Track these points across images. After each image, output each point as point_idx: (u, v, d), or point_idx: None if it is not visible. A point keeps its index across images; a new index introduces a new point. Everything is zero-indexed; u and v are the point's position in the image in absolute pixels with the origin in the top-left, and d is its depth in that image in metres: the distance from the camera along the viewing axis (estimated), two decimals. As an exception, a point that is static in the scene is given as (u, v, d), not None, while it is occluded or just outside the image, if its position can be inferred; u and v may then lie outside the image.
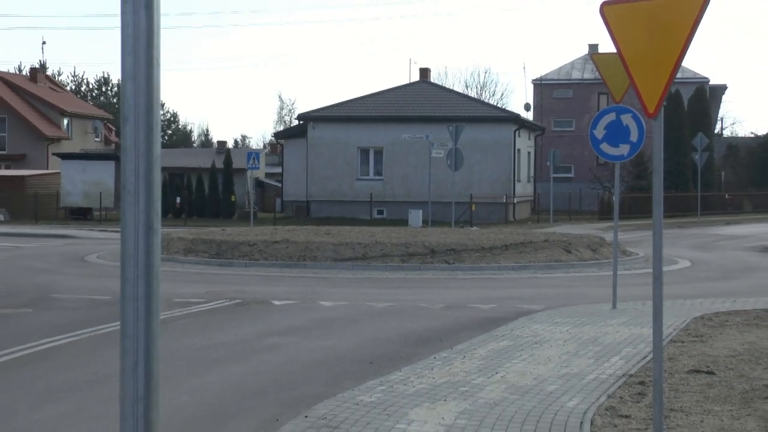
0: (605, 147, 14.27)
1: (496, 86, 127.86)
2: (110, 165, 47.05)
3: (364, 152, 46.64)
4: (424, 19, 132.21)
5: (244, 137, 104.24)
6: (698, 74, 62.54)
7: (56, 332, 12.95)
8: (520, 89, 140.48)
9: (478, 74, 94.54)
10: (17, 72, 77.64)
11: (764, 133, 71.62)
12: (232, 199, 48.83)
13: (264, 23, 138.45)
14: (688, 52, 6.36)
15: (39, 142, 57.61)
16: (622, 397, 8.76)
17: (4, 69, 70.37)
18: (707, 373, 9.76)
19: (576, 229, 36.61)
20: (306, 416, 8.01)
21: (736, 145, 68.06)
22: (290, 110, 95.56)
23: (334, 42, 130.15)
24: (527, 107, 64.83)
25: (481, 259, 23.25)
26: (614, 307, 15.11)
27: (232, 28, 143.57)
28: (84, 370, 10.55)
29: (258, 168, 39.64)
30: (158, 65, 3.15)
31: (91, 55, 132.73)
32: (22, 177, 50.04)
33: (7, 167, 55.73)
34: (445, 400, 8.64)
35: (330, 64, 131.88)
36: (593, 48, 60.72)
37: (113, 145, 65.29)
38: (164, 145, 74.77)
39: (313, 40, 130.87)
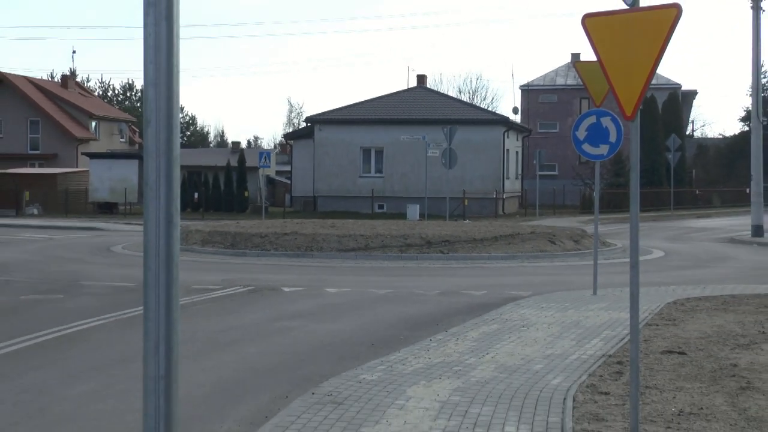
0: (587, 147, 14.24)
1: (486, 91, 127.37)
2: (134, 164, 47.08)
3: (366, 152, 46.58)
4: (422, 30, 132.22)
5: (256, 138, 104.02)
6: (671, 80, 62.41)
7: (85, 316, 12.95)
8: (509, 94, 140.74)
9: (471, 80, 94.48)
10: (49, 79, 77.48)
11: (731, 134, 71.54)
12: (246, 194, 48.77)
13: (275, 34, 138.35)
14: (662, 60, 6.36)
15: (69, 143, 57.61)
16: (601, 376, 8.76)
17: (38, 76, 70.41)
18: (679, 353, 9.76)
19: (560, 222, 36.58)
20: (313, 393, 8.01)
21: (705, 145, 68.05)
22: (299, 113, 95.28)
23: (339, 51, 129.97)
24: (515, 111, 64.74)
25: (473, 250, 23.24)
26: (595, 293, 15.10)
27: (245, 39, 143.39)
28: (111, 350, 10.56)
29: (269, 166, 39.49)
30: (177, 72, 3.14)
31: (116, 63, 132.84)
32: (54, 174, 50.07)
33: (41, 165, 55.76)
34: (440, 378, 8.64)
35: (335, 71, 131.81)
36: (575, 56, 60.69)
37: (137, 146, 65.24)
38: (183, 146, 74.67)
39: (320, 49, 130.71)
